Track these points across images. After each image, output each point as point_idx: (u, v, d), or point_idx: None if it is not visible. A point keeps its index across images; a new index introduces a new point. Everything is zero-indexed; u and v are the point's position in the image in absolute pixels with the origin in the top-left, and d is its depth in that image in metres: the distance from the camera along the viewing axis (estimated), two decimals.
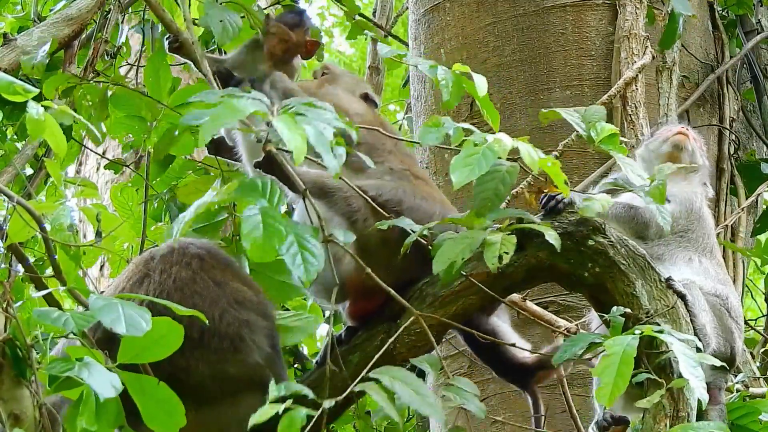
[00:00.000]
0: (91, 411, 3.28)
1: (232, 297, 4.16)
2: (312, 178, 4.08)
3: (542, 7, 6.44)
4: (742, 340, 4.76)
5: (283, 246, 3.59)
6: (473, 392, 3.84)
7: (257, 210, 3.65)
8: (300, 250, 3.62)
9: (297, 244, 3.62)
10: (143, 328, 3.41)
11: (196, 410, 3.58)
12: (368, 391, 3.57)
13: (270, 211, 3.66)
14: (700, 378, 3.78)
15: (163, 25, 5.05)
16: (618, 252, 4.08)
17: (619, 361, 3.75)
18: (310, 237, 3.66)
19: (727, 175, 6.85)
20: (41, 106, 3.79)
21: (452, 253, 3.88)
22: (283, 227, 3.63)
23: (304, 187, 3.89)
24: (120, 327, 3.40)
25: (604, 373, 3.75)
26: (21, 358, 3.52)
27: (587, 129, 4.05)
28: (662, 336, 3.84)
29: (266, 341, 4.18)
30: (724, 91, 6.90)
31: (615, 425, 4.62)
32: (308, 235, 3.66)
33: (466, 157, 3.80)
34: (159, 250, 4.30)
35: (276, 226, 3.62)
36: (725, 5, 7.21)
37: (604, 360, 3.78)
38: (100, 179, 10.40)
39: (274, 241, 3.58)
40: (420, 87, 6.70)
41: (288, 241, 3.62)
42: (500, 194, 3.87)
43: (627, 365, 3.74)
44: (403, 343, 4.07)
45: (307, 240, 3.65)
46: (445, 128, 3.90)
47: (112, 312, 3.44)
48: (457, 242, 3.91)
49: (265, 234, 3.58)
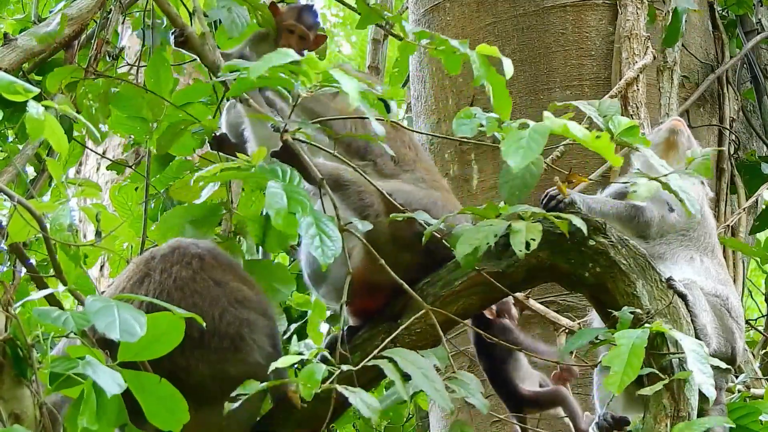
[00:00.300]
0: (92, 410, 3.27)
1: (232, 296, 4.16)
2: (328, 170, 4.10)
3: (542, 7, 6.44)
4: (743, 341, 4.76)
5: (302, 225, 3.66)
6: (477, 387, 3.85)
7: (280, 185, 3.71)
8: (318, 233, 3.66)
9: (315, 227, 3.66)
10: (137, 334, 3.39)
11: (197, 410, 3.57)
12: (382, 367, 3.58)
13: (293, 187, 3.74)
14: (708, 374, 3.79)
15: (169, 20, 5.03)
16: (619, 252, 4.08)
17: (629, 351, 3.78)
18: (328, 221, 3.70)
19: (727, 175, 6.85)
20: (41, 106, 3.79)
21: (476, 239, 3.87)
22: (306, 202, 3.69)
23: (320, 176, 3.91)
24: (114, 332, 3.38)
25: (614, 362, 3.77)
26: (22, 357, 3.52)
27: (605, 122, 4.03)
28: (671, 332, 3.85)
29: (267, 340, 4.18)
30: (724, 91, 6.90)
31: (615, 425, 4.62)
32: (326, 219, 3.71)
33: (515, 141, 3.78)
34: (160, 249, 4.30)
35: (299, 198, 3.69)
36: (725, 5, 7.21)
37: (613, 350, 3.80)
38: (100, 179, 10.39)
39: (298, 210, 3.64)
40: (420, 87, 6.70)
41: (307, 221, 3.68)
42: (528, 184, 3.87)
43: (637, 355, 3.77)
44: (404, 343, 4.07)
45: (325, 224, 3.70)
46: (478, 118, 3.89)
47: (108, 316, 3.42)
48: (480, 229, 3.91)
49: (290, 204, 3.65)
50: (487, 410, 3.81)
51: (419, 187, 4.28)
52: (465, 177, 6.35)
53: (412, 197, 4.22)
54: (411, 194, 4.23)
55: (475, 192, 6.26)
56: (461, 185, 6.31)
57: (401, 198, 4.17)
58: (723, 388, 4.56)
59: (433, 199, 4.27)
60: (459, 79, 6.48)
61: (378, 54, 8.84)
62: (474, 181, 6.33)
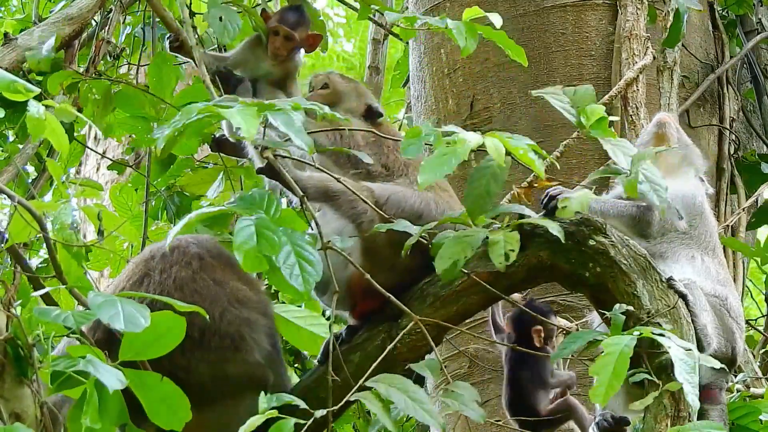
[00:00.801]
0: (94, 409, 3.27)
1: (232, 296, 4.16)
2: (315, 183, 4.11)
3: (542, 7, 6.44)
4: (743, 340, 4.76)
5: (280, 257, 3.60)
6: (472, 397, 3.83)
7: (252, 221, 3.66)
8: (297, 260, 3.62)
9: (294, 254, 3.63)
10: (142, 325, 3.39)
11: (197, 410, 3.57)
12: (364, 401, 3.57)
13: (265, 222, 3.67)
14: (694, 384, 3.77)
15: (164, 24, 5.04)
16: (619, 252, 4.08)
17: (615, 361, 3.75)
18: (307, 246, 3.66)
19: (727, 175, 6.85)
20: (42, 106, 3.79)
21: (453, 252, 3.88)
22: (278, 237, 3.63)
23: (302, 193, 3.93)
24: (118, 323, 3.39)
25: (601, 372, 3.75)
26: (22, 357, 3.52)
27: (577, 114, 4.03)
28: (661, 339, 3.84)
29: (266, 340, 4.18)
30: (724, 91, 6.90)
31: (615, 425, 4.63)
32: (305, 243, 3.66)
33: (439, 157, 3.78)
34: (159, 249, 4.29)
35: (271, 237, 3.63)
36: (725, 5, 7.21)
37: (600, 359, 3.78)
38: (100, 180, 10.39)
39: (269, 251, 3.58)
40: (420, 87, 6.70)
41: (285, 251, 3.62)
42: (491, 191, 3.87)
43: (623, 365, 3.74)
44: (404, 343, 4.07)
45: (304, 249, 3.65)
46: (426, 137, 3.87)
47: (111, 308, 3.43)
48: (458, 241, 3.91)
49: (259, 244, 3.58)
50: (484, 420, 3.79)
51: (413, 189, 4.28)
52: (464, 177, 6.34)
53: (405, 200, 4.22)
54: (404, 196, 4.23)
55: None
56: (461, 185, 6.29)
57: (394, 200, 4.17)
58: (723, 388, 4.56)
59: (426, 201, 4.26)
60: (459, 79, 6.48)
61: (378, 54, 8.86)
62: None
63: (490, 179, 3.86)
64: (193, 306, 3.62)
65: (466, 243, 3.89)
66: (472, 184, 3.87)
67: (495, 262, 3.83)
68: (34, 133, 3.82)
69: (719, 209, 6.71)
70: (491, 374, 5.99)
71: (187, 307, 3.58)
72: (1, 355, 3.52)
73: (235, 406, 4.03)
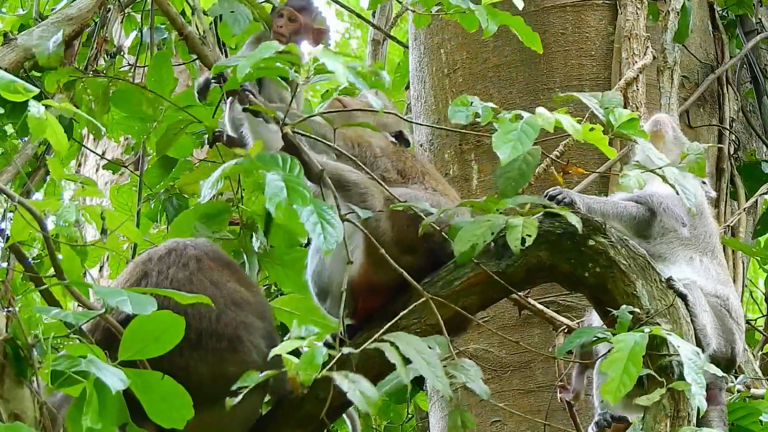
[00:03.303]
0: (95, 409, 3.27)
1: (229, 298, 4.16)
2: (330, 170, 4.12)
3: (542, 7, 6.44)
4: (743, 341, 4.76)
5: (304, 213, 3.64)
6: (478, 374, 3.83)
7: (280, 175, 3.71)
8: (319, 220, 3.66)
9: (317, 215, 3.66)
10: (149, 309, 3.45)
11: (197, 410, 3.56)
12: (384, 350, 3.57)
13: (292, 177, 3.73)
14: (702, 385, 3.77)
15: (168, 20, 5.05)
16: (618, 252, 4.08)
17: (626, 358, 3.74)
18: (329, 210, 3.72)
19: (727, 176, 6.85)
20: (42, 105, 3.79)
21: (474, 236, 3.87)
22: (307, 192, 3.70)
23: (320, 167, 3.96)
24: (126, 306, 3.45)
25: (611, 368, 3.75)
26: (22, 357, 3.52)
27: (606, 114, 4.03)
28: (670, 338, 3.84)
29: (264, 342, 4.18)
30: (724, 91, 6.90)
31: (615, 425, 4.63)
32: (327, 208, 3.73)
33: (505, 133, 3.80)
34: (156, 251, 4.30)
35: (300, 191, 3.69)
36: (725, 5, 7.22)
37: (611, 355, 3.77)
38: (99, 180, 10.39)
39: (299, 203, 3.64)
40: (420, 87, 6.70)
41: (307, 210, 3.67)
42: (525, 174, 3.87)
43: (635, 363, 3.74)
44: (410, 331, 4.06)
45: (327, 212, 3.70)
46: (474, 107, 3.90)
47: (118, 295, 3.49)
48: (479, 225, 3.91)
49: (289, 197, 3.64)
50: (488, 396, 3.80)
51: (427, 193, 4.30)
52: (465, 177, 6.36)
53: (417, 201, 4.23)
54: (415, 197, 4.24)
55: (475, 192, 6.26)
56: (461, 185, 6.31)
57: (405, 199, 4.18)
58: (723, 389, 4.57)
59: (438, 204, 4.27)
60: (459, 79, 6.49)
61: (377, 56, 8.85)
62: (474, 181, 6.33)
63: (522, 163, 3.87)
64: (196, 296, 3.62)
65: (486, 227, 3.89)
66: (505, 167, 3.86)
67: (511, 245, 3.83)
68: (35, 133, 3.82)
69: (719, 210, 6.71)
70: (491, 373, 5.99)
71: (190, 297, 3.59)
72: (1, 356, 3.52)
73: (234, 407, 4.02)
